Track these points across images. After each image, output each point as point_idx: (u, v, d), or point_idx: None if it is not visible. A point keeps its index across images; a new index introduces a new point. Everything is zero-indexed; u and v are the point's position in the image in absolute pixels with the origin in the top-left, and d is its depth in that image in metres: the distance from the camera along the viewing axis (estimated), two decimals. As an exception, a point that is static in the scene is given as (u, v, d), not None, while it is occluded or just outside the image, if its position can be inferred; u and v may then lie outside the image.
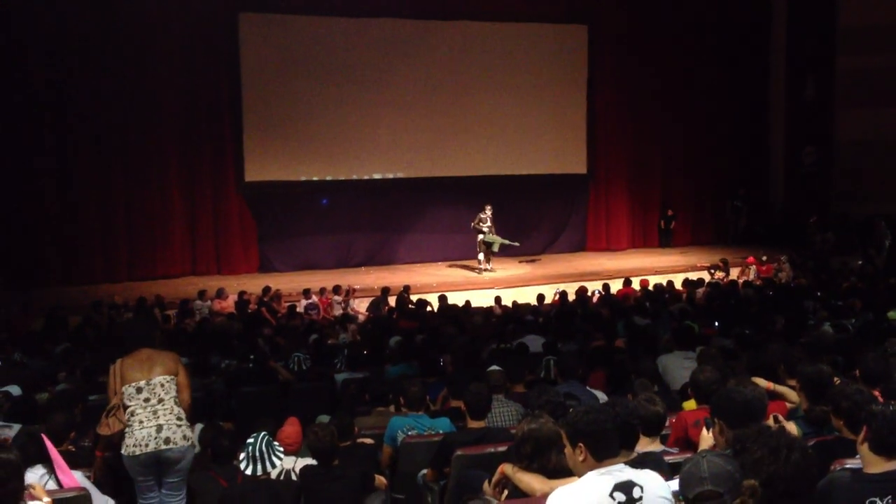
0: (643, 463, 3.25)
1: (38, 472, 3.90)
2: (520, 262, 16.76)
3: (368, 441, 5.18)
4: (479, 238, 15.45)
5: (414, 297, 12.82)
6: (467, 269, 16.04)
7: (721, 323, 9.03)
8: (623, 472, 2.82)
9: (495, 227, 15.53)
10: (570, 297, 12.55)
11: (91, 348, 9.06)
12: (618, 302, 11.71)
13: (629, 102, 18.47)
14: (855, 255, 15.90)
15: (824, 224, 17.61)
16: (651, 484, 2.82)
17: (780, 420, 4.09)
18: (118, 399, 4.53)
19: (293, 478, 4.47)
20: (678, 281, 13.64)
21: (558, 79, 17.88)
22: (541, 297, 12.77)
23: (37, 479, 3.80)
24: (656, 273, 15.12)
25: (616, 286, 13.73)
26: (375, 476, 4.65)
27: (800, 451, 2.55)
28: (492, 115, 17.24)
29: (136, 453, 4.40)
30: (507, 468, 3.59)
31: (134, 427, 4.43)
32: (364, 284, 14.51)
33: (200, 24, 15.23)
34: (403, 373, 7.14)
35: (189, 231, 15.58)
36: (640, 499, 2.76)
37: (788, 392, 4.84)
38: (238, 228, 15.88)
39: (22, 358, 8.37)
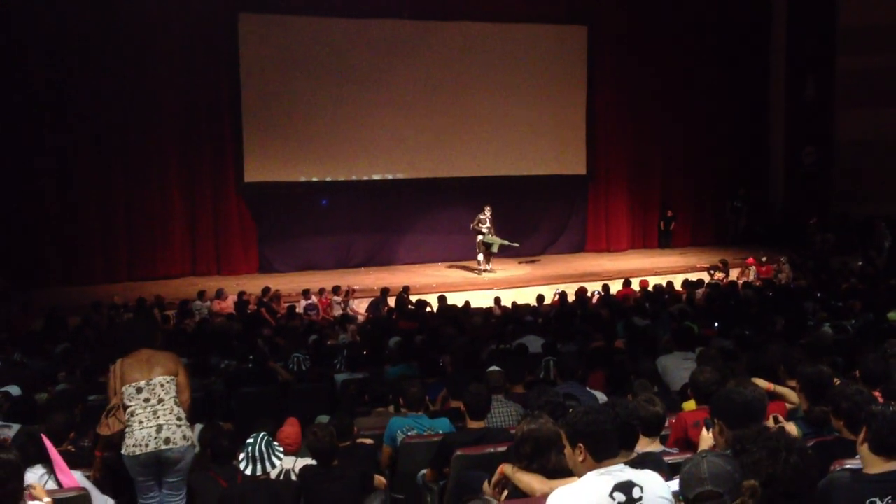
0: (643, 463, 3.25)
1: (38, 472, 3.89)
2: (519, 263, 16.75)
3: (368, 441, 5.18)
4: (479, 239, 15.45)
5: (413, 298, 12.82)
6: (467, 270, 16.04)
7: (721, 324, 9.02)
8: (623, 472, 2.82)
9: (495, 227, 15.51)
10: (570, 298, 12.55)
11: (91, 348, 9.05)
12: (617, 303, 11.71)
13: (629, 102, 18.47)
14: (855, 256, 15.88)
15: (824, 224, 17.61)
16: (651, 484, 2.82)
17: (780, 421, 4.10)
18: (118, 399, 4.53)
19: (293, 478, 4.47)
20: (678, 282, 13.64)
21: (558, 79, 17.88)
22: (540, 298, 12.77)
23: (36, 479, 3.80)
24: (656, 274, 15.11)
25: (616, 287, 13.73)
26: (375, 476, 4.65)
27: (799, 452, 2.55)
28: (492, 115, 17.23)
29: (136, 453, 4.40)
30: (506, 468, 3.60)
31: (134, 427, 4.44)
32: (363, 285, 14.51)
33: (200, 24, 15.24)
34: (403, 373, 7.13)
35: (189, 231, 15.58)
36: (639, 499, 2.76)
37: (788, 393, 4.84)
38: (238, 229, 15.88)
39: (22, 358, 8.37)
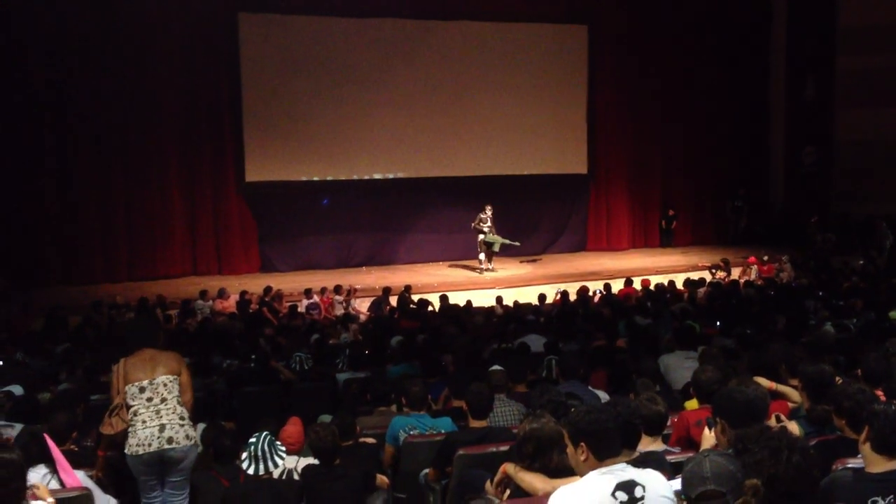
0: (645, 462, 3.24)
1: (41, 471, 3.90)
2: (521, 262, 16.76)
3: (370, 440, 5.18)
4: (480, 238, 15.45)
5: (415, 297, 12.82)
6: (468, 269, 16.04)
7: (722, 323, 9.01)
8: (625, 471, 2.82)
9: (496, 227, 15.51)
10: (572, 297, 12.54)
11: (92, 348, 9.05)
12: (619, 302, 11.72)
13: (629, 102, 18.47)
14: (855, 255, 15.89)
15: (825, 224, 17.61)
16: (653, 483, 2.82)
17: (782, 420, 4.10)
18: (121, 398, 4.54)
19: (295, 477, 4.47)
20: (679, 281, 13.65)
21: (558, 79, 17.88)
22: (542, 297, 12.76)
23: (39, 478, 3.80)
24: (657, 273, 15.11)
25: (617, 286, 13.75)
26: (377, 475, 4.65)
27: (801, 451, 2.55)
28: (492, 115, 17.23)
29: (139, 453, 4.41)
30: (509, 468, 3.60)
31: (137, 427, 4.44)
32: (365, 284, 14.50)
33: (200, 24, 15.23)
34: (405, 372, 7.13)
35: (189, 231, 15.58)
36: (641, 498, 2.76)
37: (790, 392, 4.84)
38: (239, 228, 15.88)
39: (23, 358, 8.37)
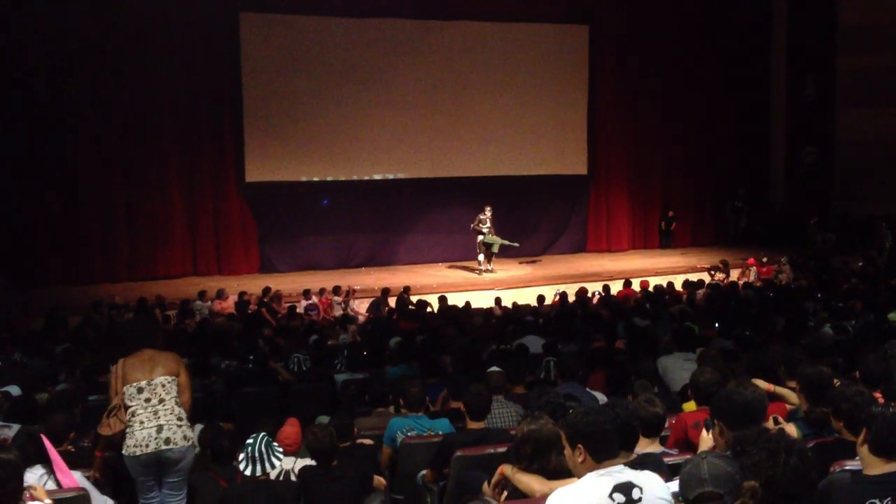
0: (643, 464, 3.25)
1: (38, 472, 3.89)
2: (520, 263, 16.75)
3: (368, 442, 5.18)
4: (479, 239, 15.44)
5: (414, 298, 12.81)
6: (467, 270, 16.03)
7: (721, 324, 9.02)
8: (623, 473, 2.83)
9: (495, 227, 15.51)
10: (571, 298, 12.55)
11: (91, 348, 9.04)
12: (618, 303, 11.72)
13: (629, 102, 18.48)
14: (855, 256, 15.89)
15: (825, 224, 17.61)
16: (650, 485, 2.82)
17: (780, 422, 4.09)
18: (119, 399, 4.53)
19: (292, 478, 4.47)
20: (678, 282, 13.64)
21: (559, 79, 17.88)
22: (541, 298, 12.76)
23: (36, 479, 3.79)
24: (656, 274, 15.11)
25: (616, 287, 13.73)
26: (375, 477, 4.65)
27: (798, 454, 2.54)
28: (492, 115, 17.23)
29: (137, 453, 4.41)
30: (506, 469, 3.60)
31: (135, 427, 4.44)
32: (364, 285, 14.50)
33: (201, 24, 15.23)
34: (403, 374, 7.13)
35: (189, 231, 15.58)
36: (639, 500, 2.76)
37: (788, 393, 4.84)
38: (238, 229, 15.87)
39: (22, 358, 8.37)
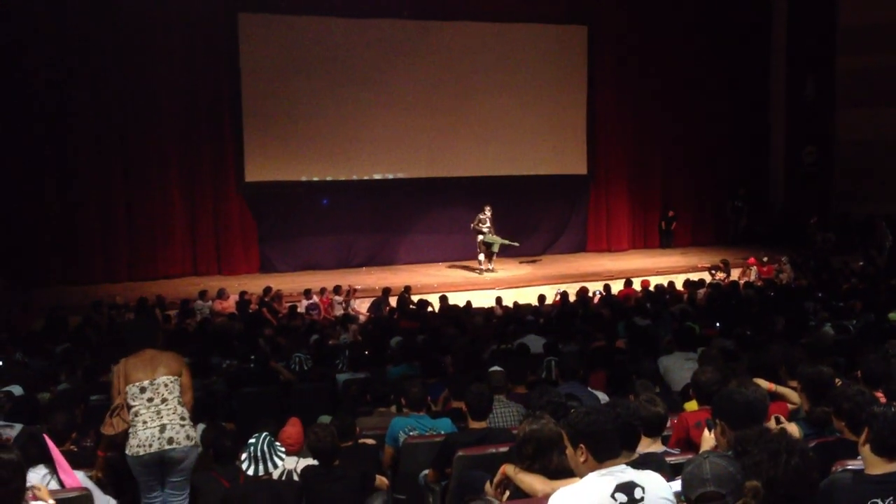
0: (644, 464, 3.25)
1: (40, 472, 3.89)
2: (521, 263, 16.75)
3: (370, 441, 5.18)
4: (479, 238, 15.45)
5: (415, 298, 12.82)
6: (468, 270, 16.03)
7: (722, 324, 9.02)
8: (624, 472, 2.83)
9: (495, 227, 15.51)
10: (571, 298, 12.55)
11: (91, 348, 9.05)
12: (619, 303, 11.72)
13: (629, 102, 18.47)
14: (855, 256, 15.90)
15: (825, 224, 17.62)
16: (652, 485, 2.82)
17: (781, 421, 4.09)
18: (122, 399, 4.54)
19: (294, 478, 4.48)
20: (679, 282, 13.66)
21: (558, 79, 17.87)
22: (542, 298, 12.77)
23: (39, 479, 3.79)
24: (657, 274, 15.11)
25: (617, 287, 13.76)
26: (377, 476, 4.65)
27: (800, 454, 2.53)
28: (492, 115, 17.23)
29: (140, 454, 4.41)
30: (508, 469, 3.60)
31: (138, 427, 4.44)
32: (365, 285, 14.51)
33: (200, 25, 15.23)
34: (405, 373, 7.14)
35: (189, 231, 15.58)
36: (641, 499, 2.76)
37: (790, 393, 4.84)
38: (239, 229, 15.87)
39: (23, 358, 8.37)
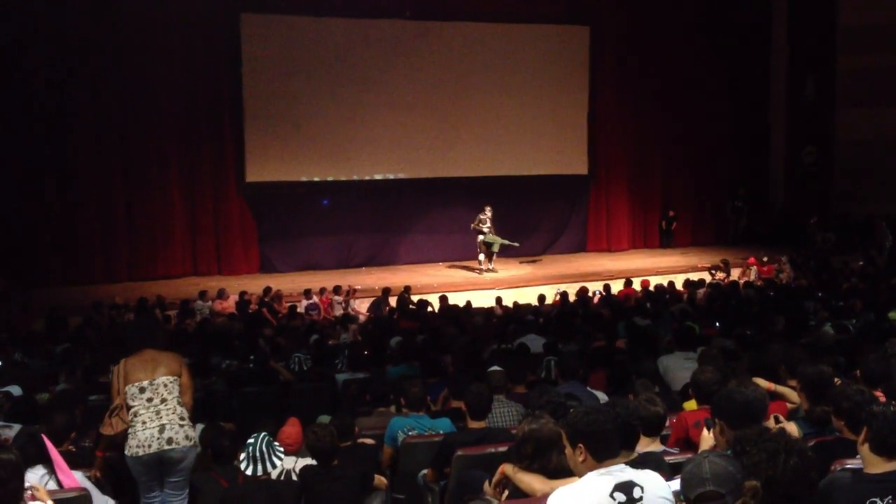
0: (644, 463, 3.24)
1: (39, 472, 3.89)
2: (521, 263, 16.75)
3: (369, 441, 5.18)
4: (480, 239, 15.45)
5: (415, 298, 12.82)
6: (468, 270, 16.04)
7: (722, 323, 9.02)
8: (623, 472, 2.82)
9: (495, 227, 15.51)
10: (571, 298, 12.55)
11: (91, 349, 9.05)
12: (619, 302, 11.73)
13: (629, 102, 18.47)
14: (855, 255, 15.90)
15: (825, 224, 17.62)
16: (651, 484, 2.82)
17: (780, 421, 4.09)
18: (121, 399, 4.53)
19: (293, 478, 4.47)
20: (679, 281, 13.66)
21: (559, 79, 17.87)
22: (542, 298, 12.77)
23: (37, 479, 3.79)
24: (657, 274, 15.11)
25: (617, 287, 13.75)
26: (376, 476, 4.65)
27: (799, 454, 2.52)
28: (492, 115, 17.23)
29: (140, 454, 4.41)
30: (507, 468, 3.60)
31: (137, 427, 4.44)
32: (365, 285, 14.50)
33: (201, 25, 15.23)
34: (404, 373, 7.14)
35: (189, 231, 15.57)
36: (640, 499, 2.76)
37: (789, 392, 4.84)
38: (239, 229, 15.87)
39: (22, 358, 8.37)
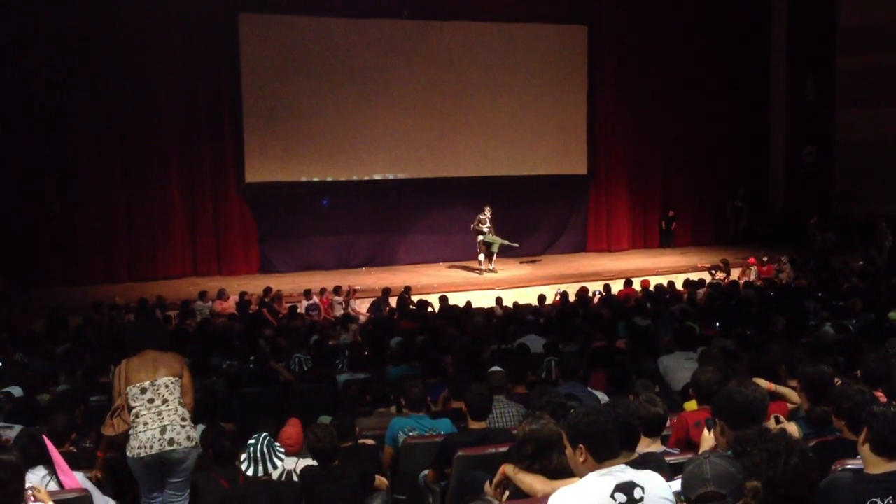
0: (644, 464, 3.25)
1: (40, 473, 3.88)
2: (521, 263, 16.75)
3: (370, 442, 5.18)
4: (479, 239, 15.45)
5: (415, 298, 12.82)
6: (468, 270, 16.04)
7: (722, 323, 9.01)
8: (624, 472, 2.83)
9: (495, 227, 15.51)
10: (571, 298, 12.55)
11: (92, 349, 9.05)
12: (619, 302, 11.72)
13: (629, 102, 18.47)
14: (855, 255, 15.90)
15: (825, 224, 17.62)
16: (652, 484, 2.82)
17: (781, 421, 4.09)
18: (122, 400, 4.53)
19: (294, 478, 4.48)
20: (679, 281, 13.65)
21: (558, 79, 17.87)
22: (542, 298, 12.77)
23: (38, 480, 3.79)
24: (657, 274, 15.11)
25: (617, 287, 13.75)
26: (377, 477, 4.65)
27: (799, 454, 2.52)
28: (492, 115, 17.23)
29: (141, 455, 4.40)
30: (508, 469, 3.60)
31: (138, 428, 4.43)
32: (365, 285, 14.51)
33: (201, 25, 15.23)
34: (404, 374, 7.14)
35: (189, 232, 15.57)
36: (641, 499, 2.76)
37: (789, 393, 4.84)
38: (239, 229, 15.87)
39: (23, 359, 8.37)
